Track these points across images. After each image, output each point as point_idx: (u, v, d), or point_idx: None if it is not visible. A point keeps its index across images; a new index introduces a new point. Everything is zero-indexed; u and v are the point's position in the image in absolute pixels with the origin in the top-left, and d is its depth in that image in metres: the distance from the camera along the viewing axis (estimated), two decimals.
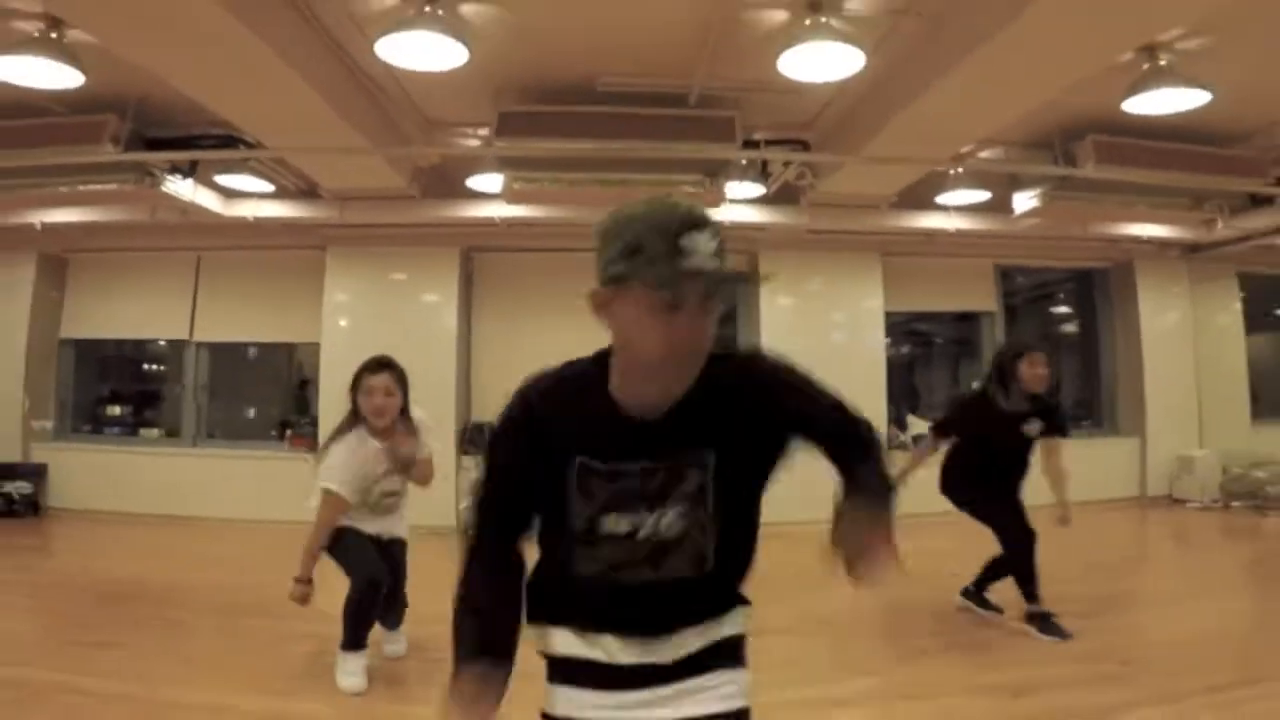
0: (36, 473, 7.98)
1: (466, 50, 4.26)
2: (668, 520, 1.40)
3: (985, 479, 4.47)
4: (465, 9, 4.34)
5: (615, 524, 1.39)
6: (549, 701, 1.46)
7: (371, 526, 3.80)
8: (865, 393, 4.73)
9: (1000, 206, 7.23)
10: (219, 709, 3.26)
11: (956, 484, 4.58)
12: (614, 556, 1.41)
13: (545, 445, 1.40)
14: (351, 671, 3.58)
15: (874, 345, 8.03)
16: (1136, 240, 8.27)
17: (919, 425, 8.20)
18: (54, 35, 4.43)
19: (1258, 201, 7.16)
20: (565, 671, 1.46)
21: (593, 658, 1.44)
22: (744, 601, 1.54)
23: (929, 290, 8.64)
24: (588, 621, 1.46)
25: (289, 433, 8.32)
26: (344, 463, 3.58)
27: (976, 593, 4.63)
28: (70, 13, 4.08)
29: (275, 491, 7.50)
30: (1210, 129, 5.94)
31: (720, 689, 1.45)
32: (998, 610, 4.51)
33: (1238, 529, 6.99)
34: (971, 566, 4.73)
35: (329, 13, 4.44)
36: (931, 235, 7.87)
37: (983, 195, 7.23)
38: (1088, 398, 9.24)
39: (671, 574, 1.42)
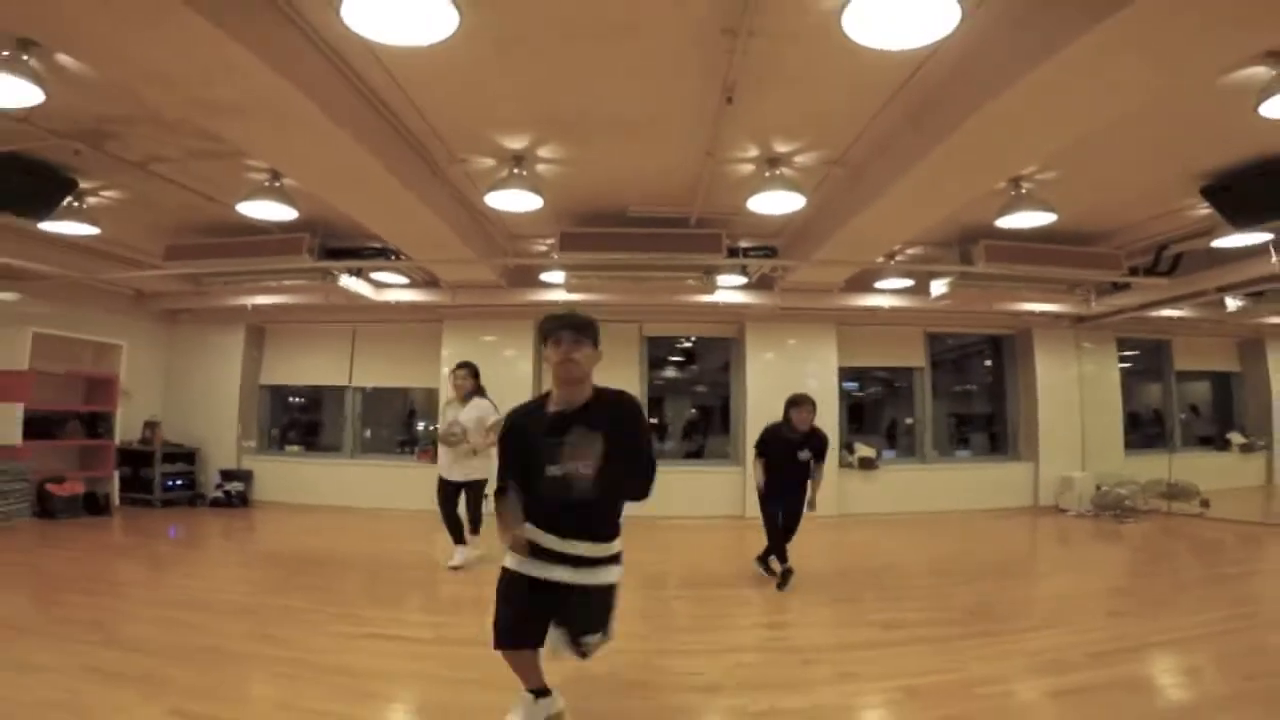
0: (247, 476, 8.52)
1: (541, 200, 4.97)
2: (581, 467, 2.29)
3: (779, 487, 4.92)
4: (540, 167, 5.01)
5: (553, 470, 2.31)
6: (510, 561, 2.40)
7: (454, 473, 5.16)
8: (824, 423, 5.15)
9: (923, 289, 7.53)
10: (399, 621, 3.96)
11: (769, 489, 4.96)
12: (550, 492, 2.32)
13: (524, 435, 2.38)
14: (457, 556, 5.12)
15: (830, 389, 8.24)
16: (1032, 314, 8.48)
17: (864, 450, 8.63)
18: (277, 184, 5.14)
19: (1118, 286, 7.38)
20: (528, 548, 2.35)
21: (540, 543, 2.36)
22: (617, 534, 2.47)
23: (873, 350, 8.88)
24: (540, 522, 2.37)
25: (416, 448, 8.88)
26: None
27: (763, 560, 5.08)
28: (290, 171, 4.80)
29: (409, 490, 8.23)
30: (1080, 231, 6.26)
31: (599, 574, 2.38)
32: (774, 573, 4.92)
33: (1101, 531, 7.20)
34: (886, 551, 5.13)
35: (452, 172, 5.14)
36: (873, 310, 8.19)
37: (908, 281, 7.65)
38: (997, 432, 9.42)
39: (578, 495, 2.30)
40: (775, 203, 5.04)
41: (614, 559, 2.44)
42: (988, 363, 10.46)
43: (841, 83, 3.92)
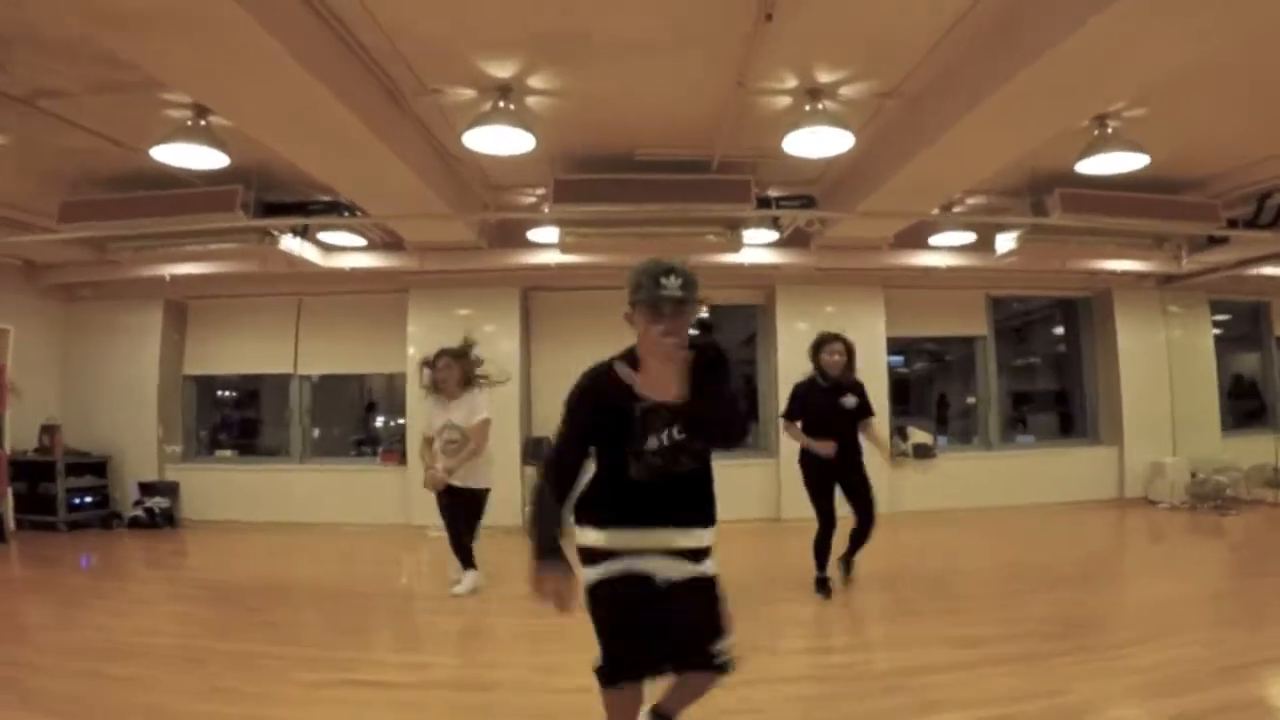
0: (171, 490, 8.39)
1: (534, 139, 4.88)
2: (681, 437, 2.23)
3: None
4: (530, 100, 4.92)
5: (652, 443, 2.22)
6: (587, 577, 2.26)
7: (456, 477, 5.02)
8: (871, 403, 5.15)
9: (986, 245, 7.56)
10: (377, 663, 3.89)
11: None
12: (652, 462, 2.22)
13: (610, 401, 2.21)
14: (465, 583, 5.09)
15: (877, 364, 8.23)
16: (1113, 273, 8.53)
17: (919, 434, 8.68)
18: (202, 123, 4.95)
19: (1215, 241, 7.42)
20: (591, 557, 2.27)
21: (625, 546, 2.26)
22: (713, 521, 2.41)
23: (928, 317, 8.95)
24: (630, 515, 2.26)
25: (379, 449, 8.87)
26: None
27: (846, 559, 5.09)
28: (219, 106, 4.59)
29: (371, 499, 8.26)
30: (1164, 179, 6.25)
31: (694, 570, 2.30)
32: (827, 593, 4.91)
33: (1200, 526, 7.26)
34: (950, 553, 5.14)
35: (421, 104, 5.03)
36: (927, 270, 8.20)
37: (970, 236, 7.66)
38: (1067, 412, 9.50)
39: (680, 468, 2.25)
40: (817, 142, 4.99)
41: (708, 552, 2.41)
42: (1056, 330, 10.53)
43: None
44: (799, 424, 4.96)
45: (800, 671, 3.62)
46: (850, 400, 4.91)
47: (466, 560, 5.18)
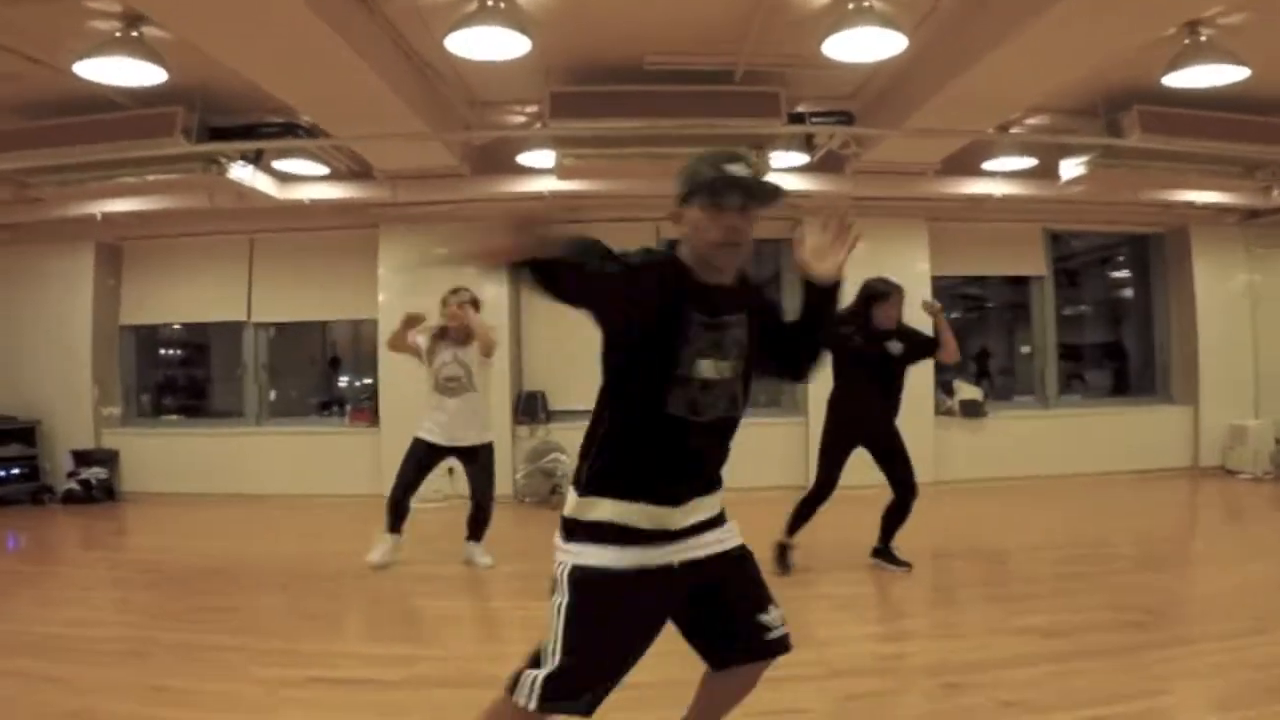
0: (110, 459, 8.28)
1: (529, 41, 4.65)
2: (730, 364, 1.95)
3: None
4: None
5: (704, 370, 1.91)
6: (578, 556, 1.89)
7: (441, 434, 5.04)
8: None
9: (1047, 172, 7.40)
10: (352, 655, 3.73)
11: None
12: (697, 396, 1.91)
13: (660, 294, 1.86)
14: (379, 550, 5.12)
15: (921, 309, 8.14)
16: (1191, 206, 8.34)
17: (968, 390, 8.54)
18: (134, 33, 4.74)
19: None
20: (595, 533, 1.90)
21: (627, 523, 1.91)
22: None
23: (977, 255, 8.82)
24: (646, 485, 1.93)
25: (346, 408, 8.77)
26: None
27: (884, 550, 4.92)
28: (149, 7, 4.32)
29: (338, 466, 8.19)
30: (1260, 97, 6.06)
31: (723, 538, 2.04)
32: (905, 564, 4.81)
33: None
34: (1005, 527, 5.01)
35: (392, 6, 4.81)
36: (978, 200, 8.05)
37: (1029, 162, 7.45)
38: (1122, 368, 9.46)
39: (722, 413, 1.96)
40: (864, 45, 4.82)
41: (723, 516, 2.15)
42: (1114, 274, 10.40)
43: None
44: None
45: (849, 664, 3.46)
46: (896, 346, 4.74)
47: (397, 522, 5.25)
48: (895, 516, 4.83)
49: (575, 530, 1.92)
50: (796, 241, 2.10)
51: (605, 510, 1.90)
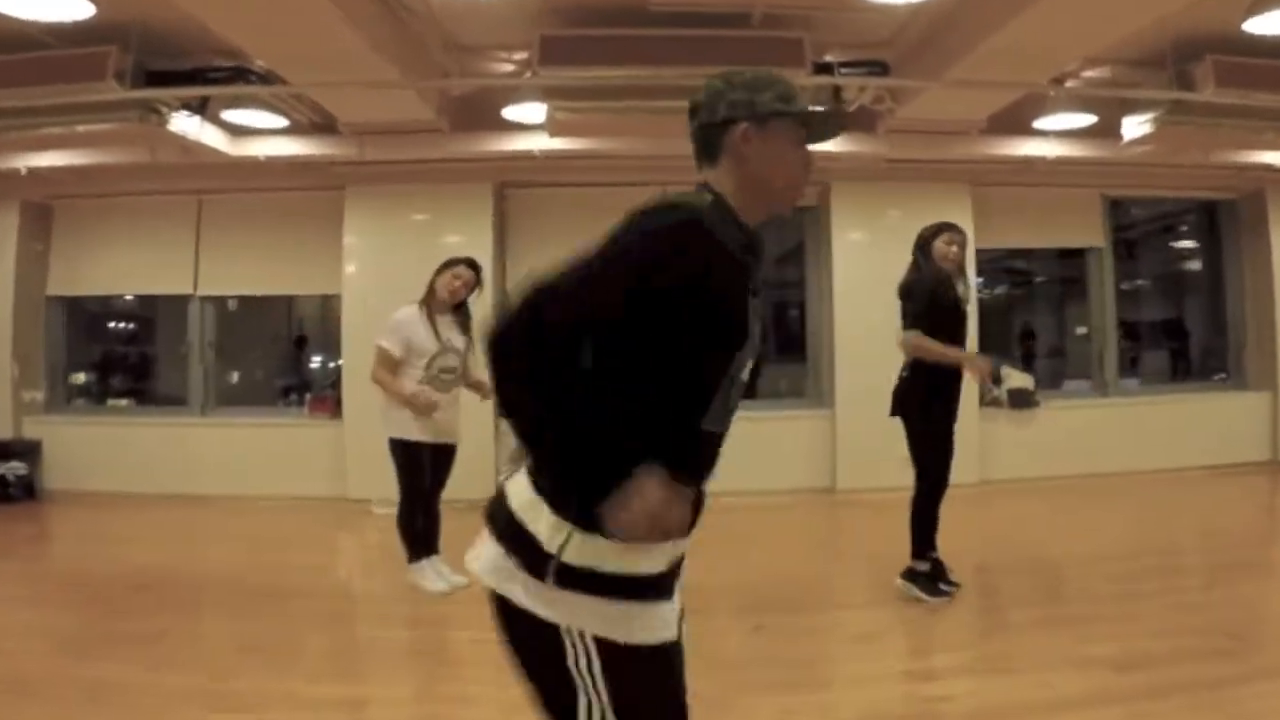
0: (31, 451, 8.13)
1: None
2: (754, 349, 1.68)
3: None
4: None
5: (743, 367, 1.64)
6: (639, 628, 1.55)
7: (431, 430, 4.83)
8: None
9: (1107, 132, 7.30)
10: (291, 697, 3.54)
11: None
12: (734, 400, 1.64)
13: (704, 300, 1.52)
14: (428, 578, 4.83)
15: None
16: (1269, 169, 8.21)
17: (1018, 378, 8.38)
18: None
19: None
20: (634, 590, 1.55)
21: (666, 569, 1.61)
22: None
23: (1026, 224, 8.68)
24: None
25: (307, 397, 8.63)
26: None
27: (916, 574, 4.68)
28: None
29: (297, 464, 8.02)
30: None
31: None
32: (954, 584, 4.65)
33: None
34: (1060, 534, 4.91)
35: None
36: (1029, 163, 7.92)
37: (1087, 119, 7.34)
38: (1219, 346, 9.32)
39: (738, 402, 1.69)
40: None
41: None
42: (1176, 244, 10.28)
43: None
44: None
45: (893, 707, 3.37)
46: (962, 288, 4.75)
47: (432, 543, 5.03)
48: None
49: (613, 587, 1.55)
50: None
51: (642, 557, 1.55)
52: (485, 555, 1.61)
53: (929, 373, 4.59)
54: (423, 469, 4.90)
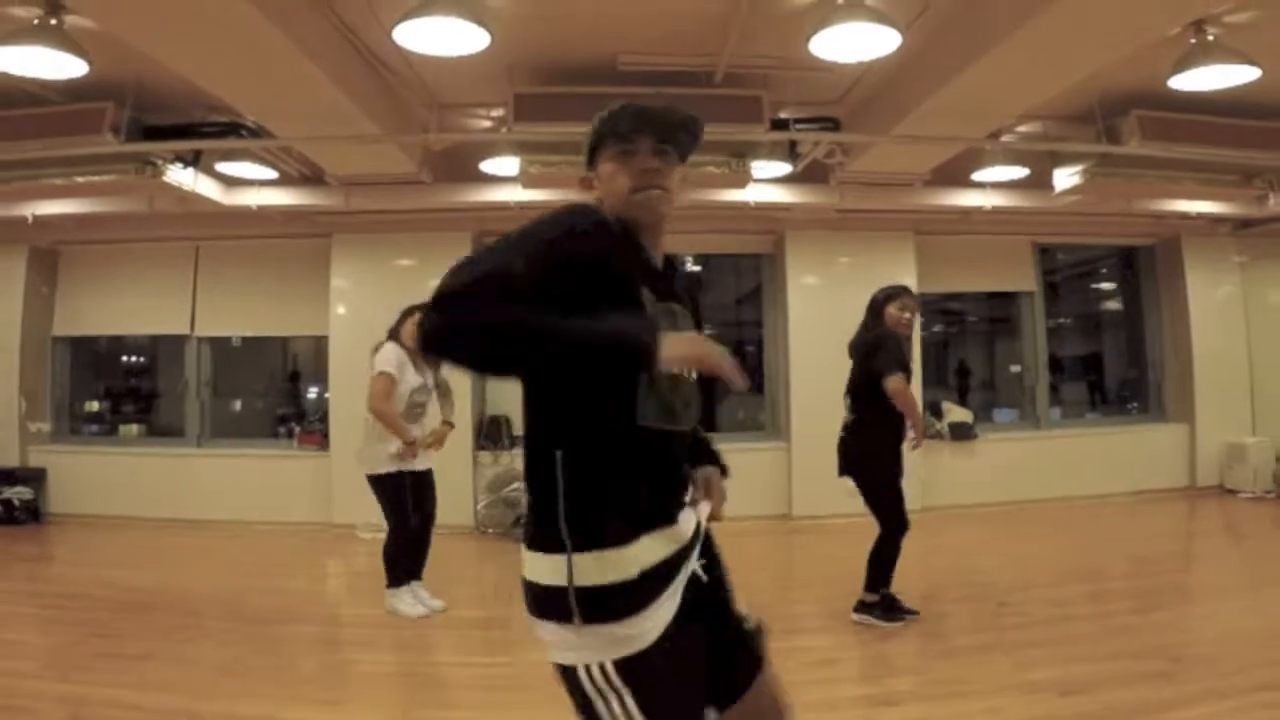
0: (36, 478, 7.97)
1: (488, 34, 4.30)
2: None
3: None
4: None
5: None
6: (651, 629, 1.48)
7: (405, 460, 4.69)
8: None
9: (1039, 183, 7.22)
10: None
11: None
12: (670, 397, 1.59)
13: (609, 275, 1.55)
14: (405, 602, 4.72)
15: (913, 326, 7.90)
16: (1184, 216, 8.17)
17: (958, 412, 8.29)
18: (53, 22, 4.38)
19: None
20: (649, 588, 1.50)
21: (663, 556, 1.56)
22: None
23: (965, 269, 8.58)
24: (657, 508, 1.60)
25: (296, 429, 8.39)
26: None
27: (870, 605, 4.55)
28: None
29: (286, 492, 7.81)
30: (1260, 101, 5.86)
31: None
32: (912, 612, 4.54)
33: None
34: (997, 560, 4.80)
35: None
36: (967, 213, 7.84)
37: (1021, 172, 7.23)
38: (1133, 378, 9.25)
39: (690, 422, 1.69)
40: (855, 43, 4.50)
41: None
42: (1097, 285, 10.30)
43: None
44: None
45: None
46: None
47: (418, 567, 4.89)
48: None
49: (611, 598, 1.48)
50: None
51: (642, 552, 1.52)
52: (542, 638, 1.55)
53: (881, 426, 4.46)
54: (408, 497, 4.71)
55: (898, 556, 4.46)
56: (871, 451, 4.49)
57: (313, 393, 9.17)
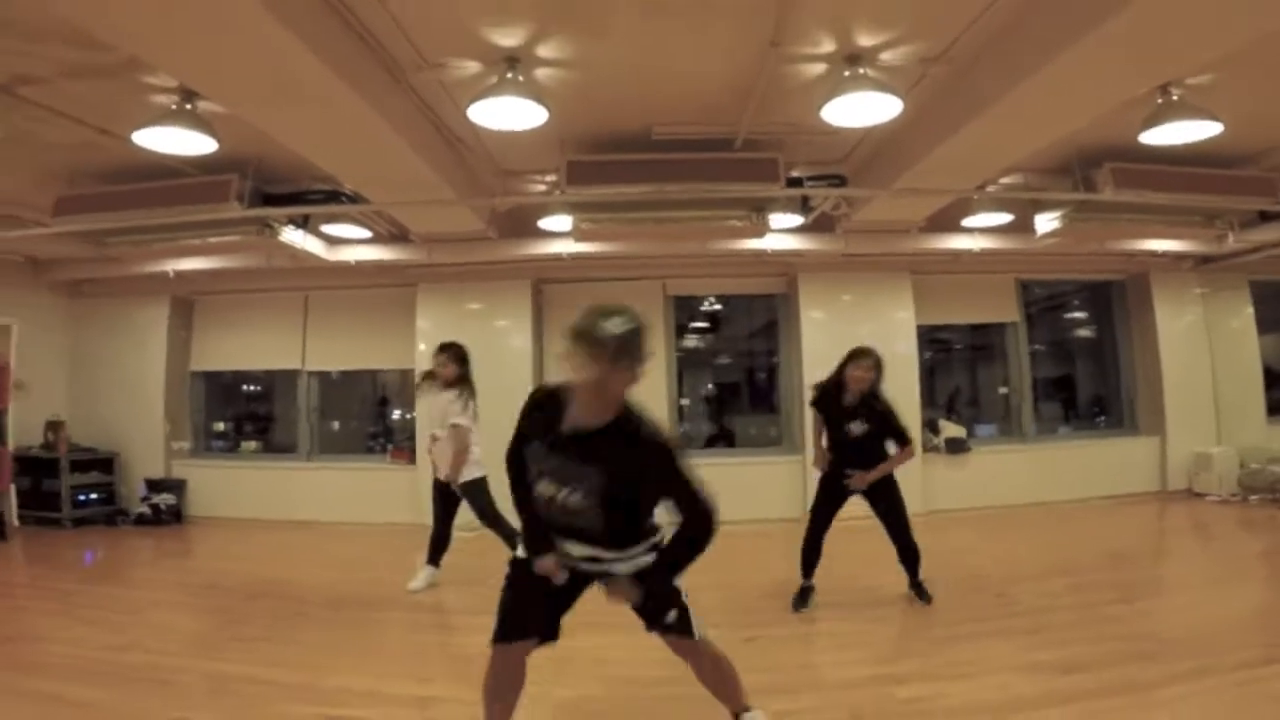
0: (178, 486, 8.08)
1: (546, 111, 4.31)
2: (573, 498, 2.25)
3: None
4: (539, 73, 4.37)
5: (544, 488, 2.32)
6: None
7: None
8: (898, 398, 4.57)
9: (1022, 227, 7.04)
10: (374, 694, 3.29)
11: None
12: (545, 508, 2.34)
13: (530, 426, 2.39)
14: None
15: (906, 354, 7.72)
16: (1152, 254, 7.96)
17: (952, 429, 8.07)
18: (188, 107, 4.49)
19: (1267, 217, 6.86)
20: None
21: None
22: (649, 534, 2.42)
23: (956, 303, 8.37)
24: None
25: (389, 445, 8.40)
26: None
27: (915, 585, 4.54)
28: (203, 85, 4.07)
29: (380, 498, 7.83)
30: (1221, 152, 5.70)
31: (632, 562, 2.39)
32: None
33: (1256, 520, 6.67)
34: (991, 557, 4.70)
35: (421, 80, 4.49)
36: (958, 255, 7.67)
37: (1005, 218, 7.07)
38: (1104, 396, 8.96)
39: (579, 525, 2.31)
40: (862, 109, 4.41)
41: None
42: (1069, 315, 10.01)
43: None
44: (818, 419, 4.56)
45: (867, 708, 3.02)
46: (858, 428, 4.34)
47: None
48: (902, 560, 4.51)
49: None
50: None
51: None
52: None
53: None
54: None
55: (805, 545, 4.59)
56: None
57: (395, 414, 9.17)
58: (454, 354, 4.94)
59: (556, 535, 2.39)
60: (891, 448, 4.39)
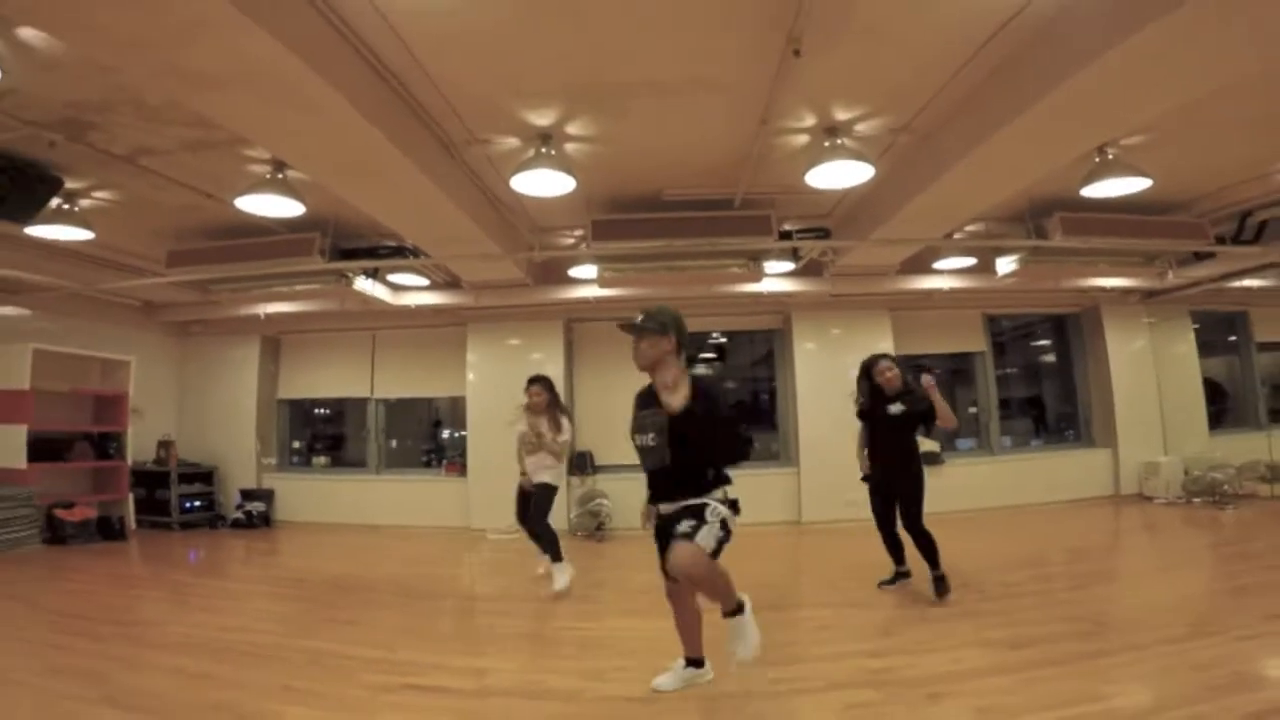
0: (268, 496, 8.29)
1: (574, 180, 4.53)
2: (649, 439, 2.79)
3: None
4: (569, 147, 4.61)
5: (637, 439, 2.85)
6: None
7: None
8: None
9: (985, 268, 7.12)
10: (439, 666, 3.43)
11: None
12: (639, 454, 2.86)
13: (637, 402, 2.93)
14: (566, 574, 4.81)
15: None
16: (1102, 290, 8.02)
17: (927, 444, 8.08)
18: (280, 176, 4.75)
19: (1200, 256, 6.96)
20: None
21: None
22: (710, 486, 2.82)
23: (930, 336, 8.42)
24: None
25: (444, 461, 8.55)
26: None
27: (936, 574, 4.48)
28: (292, 158, 4.36)
29: (435, 506, 7.98)
30: (1156, 201, 5.82)
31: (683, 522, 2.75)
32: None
33: (1198, 520, 6.65)
34: (959, 553, 4.76)
35: (470, 154, 4.75)
36: (930, 293, 7.75)
37: (970, 261, 7.18)
38: (1068, 413, 8.96)
39: (652, 465, 2.83)
40: (839, 175, 4.60)
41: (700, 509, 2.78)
42: (1034, 343, 10.03)
43: (919, 35, 3.53)
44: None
45: (842, 678, 3.12)
46: (897, 408, 4.40)
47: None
48: (919, 550, 4.44)
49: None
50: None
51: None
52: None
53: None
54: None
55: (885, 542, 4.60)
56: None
57: (445, 434, 9.33)
58: (545, 385, 5.00)
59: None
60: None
